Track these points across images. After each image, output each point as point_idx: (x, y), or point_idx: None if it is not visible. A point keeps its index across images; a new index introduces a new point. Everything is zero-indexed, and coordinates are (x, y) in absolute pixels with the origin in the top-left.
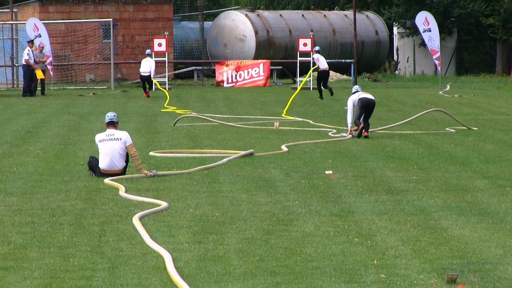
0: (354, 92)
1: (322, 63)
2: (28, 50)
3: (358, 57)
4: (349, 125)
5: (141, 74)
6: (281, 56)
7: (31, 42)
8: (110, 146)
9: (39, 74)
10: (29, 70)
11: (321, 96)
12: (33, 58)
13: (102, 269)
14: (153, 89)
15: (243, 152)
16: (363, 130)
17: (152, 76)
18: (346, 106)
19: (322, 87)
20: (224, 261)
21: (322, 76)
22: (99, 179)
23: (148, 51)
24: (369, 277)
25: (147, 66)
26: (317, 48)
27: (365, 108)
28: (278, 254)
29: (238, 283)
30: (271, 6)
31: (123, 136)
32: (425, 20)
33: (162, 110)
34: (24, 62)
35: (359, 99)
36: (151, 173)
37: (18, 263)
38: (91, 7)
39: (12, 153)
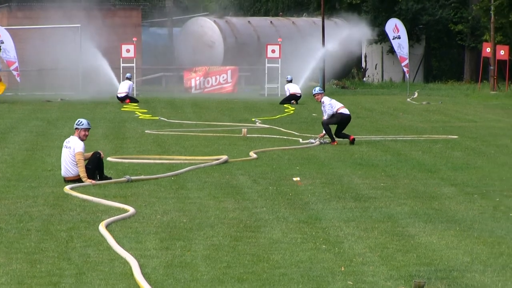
0: (321, 92)
1: (293, 89)
2: None
3: (326, 64)
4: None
5: (118, 95)
6: (249, 63)
7: None
8: (64, 154)
9: (1, 88)
10: None
11: (284, 103)
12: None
13: (69, 275)
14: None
15: (218, 161)
16: (348, 137)
17: (129, 95)
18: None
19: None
20: (192, 267)
21: (294, 98)
22: (65, 185)
23: (128, 74)
24: (337, 284)
25: (124, 87)
26: (289, 77)
27: (341, 122)
28: (245, 260)
29: None
30: (240, 12)
31: (73, 145)
32: (395, 27)
33: (122, 108)
34: None
35: (339, 112)
36: (94, 182)
37: None
38: (60, 13)
39: None
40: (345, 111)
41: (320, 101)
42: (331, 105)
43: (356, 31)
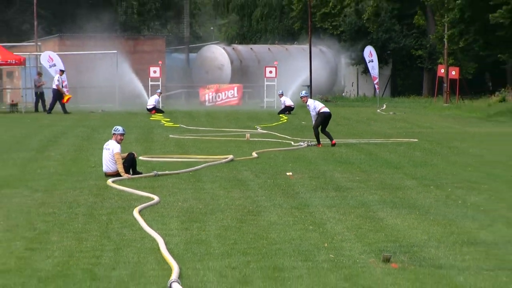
0: (306, 95)
1: (288, 102)
2: (58, 77)
3: (312, 82)
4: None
5: (147, 107)
6: (251, 81)
7: (61, 71)
8: (104, 154)
9: (68, 97)
10: (58, 94)
11: (281, 113)
12: (61, 84)
13: (109, 250)
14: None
15: (226, 159)
16: (330, 140)
17: (156, 107)
18: (308, 107)
19: (284, 112)
20: (206, 244)
21: (288, 110)
22: (106, 179)
23: (158, 90)
24: (321, 257)
25: (152, 100)
26: (280, 91)
27: (325, 120)
28: (248, 238)
29: (217, 261)
30: (244, 41)
31: (111, 147)
32: (369, 53)
33: (151, 118)
34: (54, 87)
35: (321, 112)
36: (129, 176)
37: (42, 245)
38: (100, 41)
39: (37, 158)
40: (326, 110)
41: (306, 103)
42: (315, 107)
43: (336, 56)
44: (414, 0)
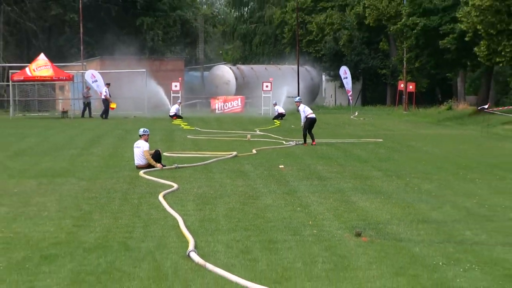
0: (300, 101)
1: (280, 110)
2: (106, 89)
3: (300, 94)
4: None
5: (169, 114)
6: (252, 93)
7: (108, 84)
8: (136, 151)
9: (113, 106)
10: (106, 102)
11: (275, 118)
12: (108, 94)
13: (139, 226)
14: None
15: (231, 155)
16: (312, 141)
17: (177, 114)
18: (299, 111)
19: (277, 118)
20: (216, 222)
21: (281, 116)
22: (137, 171)
23: (179, 100)
24: (307, 232)
25: (174, 108)
26: (274, 101)
27: (311, 124)
28: (249, 217)
29: (224, 236)
30: (246, 62)
31: (141, 146)
32: (344, 71)
33: (172, 122)
34: (103, 97)
35: (308, 117)
36: (161, 166)
37: (86, 222)
38: (133, 62)
39: (83, 154)
40: (313, 115)
41: (298, 107)
42: (304, 112)
43: (318, 74)
44: (380, 30)
